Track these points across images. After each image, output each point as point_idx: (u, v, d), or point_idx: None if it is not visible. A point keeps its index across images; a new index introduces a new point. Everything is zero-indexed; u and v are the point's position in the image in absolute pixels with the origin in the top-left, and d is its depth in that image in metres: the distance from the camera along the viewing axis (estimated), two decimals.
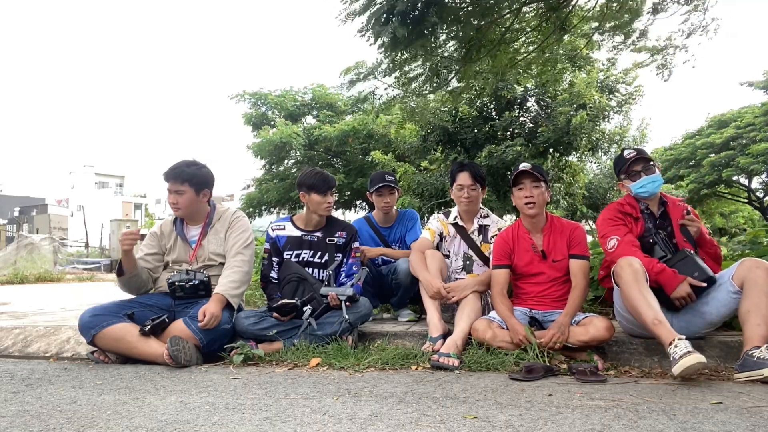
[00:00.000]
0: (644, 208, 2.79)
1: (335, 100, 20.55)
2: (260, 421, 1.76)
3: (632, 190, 2.78)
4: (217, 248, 3.06)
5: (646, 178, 2.73)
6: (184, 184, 3.00)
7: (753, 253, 3.26)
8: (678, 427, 1.63)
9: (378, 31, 4.11)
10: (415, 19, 3.99)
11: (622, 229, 2.72)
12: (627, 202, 2.82)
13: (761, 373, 2.11)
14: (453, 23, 4.45)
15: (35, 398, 2.14)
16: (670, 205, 2.79)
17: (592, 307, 3.44)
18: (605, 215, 2.83)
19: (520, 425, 1.67)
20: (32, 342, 3.27)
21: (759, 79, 18.62)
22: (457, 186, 3.20)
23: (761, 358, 2.13)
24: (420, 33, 4.12)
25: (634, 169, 2.76)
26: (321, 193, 3.09)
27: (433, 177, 13.48)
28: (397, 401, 1.97)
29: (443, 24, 4.39)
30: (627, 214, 2.77)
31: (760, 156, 17.22)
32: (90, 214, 29.49)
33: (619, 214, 2.77)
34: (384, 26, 4.01)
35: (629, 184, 2.79)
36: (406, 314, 3.56)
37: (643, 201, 2.79)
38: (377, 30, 4.11)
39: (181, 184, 3.00)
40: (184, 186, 3.00)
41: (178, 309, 2.97)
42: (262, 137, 18.42)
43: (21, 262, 12.32)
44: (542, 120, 13.12)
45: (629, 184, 2.79)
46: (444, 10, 4.18)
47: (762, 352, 2.15)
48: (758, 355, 2.15)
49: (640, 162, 2.75)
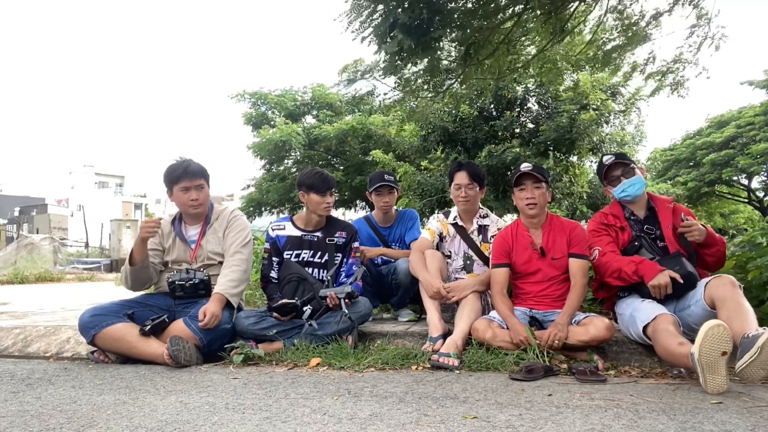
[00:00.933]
0: (629, 215, 2.78)
1: (335, 99, 20.56)
2: (260, 421, 1.76)
3: (615, 195, 2.81)
4: (215, 247, 3.06)
5: (626, 182, 2.73)
6: (201, 179, 3.05)
7: (753, 254, 3.25)
8: (678, 427, 1.63)
9: (380, 44, 4.12)
10: (419, 31, 3.99)
11: (604, 239, 2.74)
12: (611, 212, 2.82)
13: (758, 344, 1.99)
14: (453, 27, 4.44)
15: (35, 398, 2.14)
16: (659, 207, 2.77)
17: (592, 306, 3.44)
18: (589, 227, 2.87)
19: (520, 425, 1.67)
20: (32, 342, 3.27)
21: (759, 78, 18.61)
22: (455, 185, 3.20)
23: (754, 335, 2.04)
24: (426, 45, 4.11)
25: (614, 174, 2.78)
26: (320, 193, 3.09)
27: (433, 177, 13.47)
28: (397, 401, 1.97)
29: (446, 31, 4.38)
30: (610, 225, 2.77)
31: (759, 156, 17.21)
32: (90, 214, 29.48)
33: (602, 226, 2.79)
34: (386, 40, 4.02)
35: (612, 190, 2.81)
36: (406, 314, 3.55)
37: (628, 206, 2.80)
38: (380, 44, 4.12)
39: (200, 178, 3.04)
40: (203, 181, 3.05)
41: (178, 309, 2.97)
42: (261, 137, 18.42)
43: (21, 262, 12.33)
44: (543, 120, 13.12)
45: (612, 190, 2.81)
46: (446, 16, 4.18)
47: (753, 331, 2.07)
48: (751, 333, 2.06)
49: (619, 167, 2.77)
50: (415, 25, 3.91)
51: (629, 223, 2.77)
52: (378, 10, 4.06)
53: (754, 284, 2.93)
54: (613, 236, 2.76)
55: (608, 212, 2.84)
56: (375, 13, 4.07)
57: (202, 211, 3.09)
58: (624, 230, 2.75)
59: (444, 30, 4.20)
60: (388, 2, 3.92)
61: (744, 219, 26.11)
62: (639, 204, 2.79)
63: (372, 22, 4.14)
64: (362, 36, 4.21)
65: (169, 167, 3.05)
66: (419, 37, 4.03)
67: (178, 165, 3.05)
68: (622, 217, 2.78)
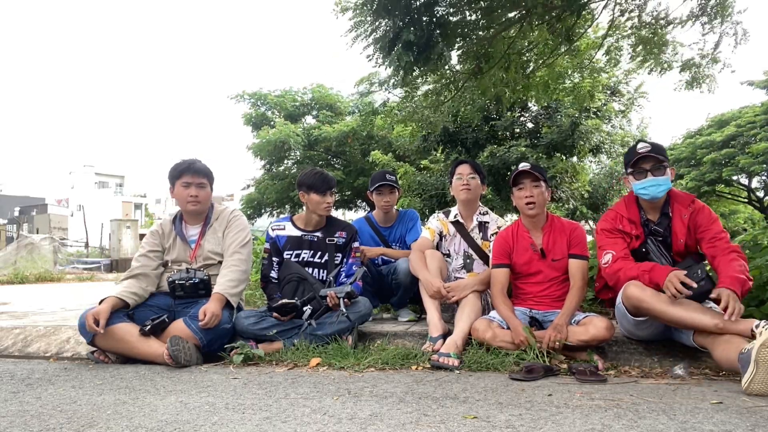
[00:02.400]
0: (644, 220, 2.59)
1: (335, 100, 20.55)
2: (260, 421, 1.76)
3: (633, 189, 2.58)
4: (215, 247, 3.06)
5: (652, 179, 2.49)
6: (205, 178, 3.06)
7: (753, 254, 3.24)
8: (678, 427, 1.63)
9: (383, 59, 4.14)
10: (422, 45, 4.01)
11: (619, 244, 2.55)
12: (627, 216, 2.60)
13: (752, 358, 1.96)
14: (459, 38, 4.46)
15: (35, 398, 2.14)
16: (675, 215, 2.54)
17: (592, 306, 3.44)
18: (603, 225, 2.67)
19: (520, 425, 1.67)
20: (32, 342, 3.27)
21: (760, 79, 18.60)
22: (457, 176, 3.22)
23: (749, 349, 2.01)
24: (427, 59, 4.14)
25: (642, 167, 2.51)
26: (320, 193, 3.09)
27: (434, 177, 13.47)
28: (397, 401, 1.97)
29: (450, 44, 4.41)
30: (625, 233, 2.58)
31: (759, 156, 17.19)
32: (90, 214, 29.46)
33: (617, 230, 2.60)
34: (389, 55, 4.04)
35: (632, 182, 2.57)
36: (406, 314, 3.55)
37: (643, 205, 2.61)
38: (383, 58, 4.14)
39: (204, 177, 3.05)
40: (206, 180, 3.06)
41: (178, 309, 2.97)
42: (261, 138, 18.42)
43: (21, 262, 12.33)
44: (543, 120, 13.11)
45: (632, 182, 2.57)
46: (449, 29, 4.20)
47: (748, 345, 2.03)
48: (747, 347, 2.03)
49: (651, 160, 2.49)
50: (417, 42, 3.94)
51: (644, 230, 2.58)
52: (381, 25, 4.10)
53: (754, 284, 2.93)
54: (628, 241, 2.57)
55: (624, 215, 2.60)
56: (378, 30, 4.11)
57: (201, 209, 3.09)
58: (638, 238, 2.57)
59: (446, 43, 4.22)
60: (392, 17, 3.94)
61: (744, 219, 26.09)
62: (656, 204, 2.58)
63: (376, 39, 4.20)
64: (367, 55, 4.26)
65: (175, 163, 3.09)
66: (420, 52, 4.05)
67: (183, 161, 3.08)
68: (638, 223, 2.58)
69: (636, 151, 2.54)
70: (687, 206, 2.56)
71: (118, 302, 2.80)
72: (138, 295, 2.91)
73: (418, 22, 3.93)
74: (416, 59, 4.05)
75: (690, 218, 2.53)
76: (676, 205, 2.58)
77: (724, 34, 4.78)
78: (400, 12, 3.88)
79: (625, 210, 2.63)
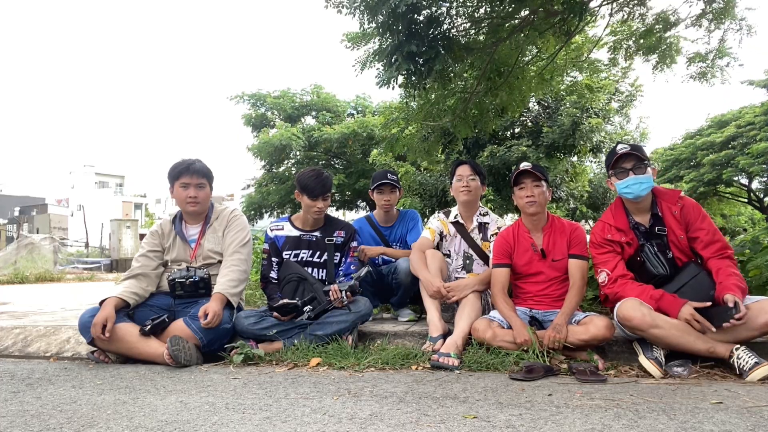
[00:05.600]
0: (633, 224, 2.59)
1: (334, 103, 20.56)
2: (260, 421, 1.76)
3: (617, 189, 2.60)
4: (215, 246, 3.06)
5: (633, 178, 2.52)
6: (204, 178, 3.05)
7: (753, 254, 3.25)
8: (678, 427, 1.63)
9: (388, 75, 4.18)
10: (425, 56, 4.04)
11: (611, 261, 2.57)
12: (614, 225, 2.60)
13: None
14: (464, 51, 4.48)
15: (35, 398, 2.14)
16: (665, 212, 2.56)
17: (592, 306, 3.44)
18: (594, 239, 2.68)
19: (520, 425, 1.67)
20: (32, 342, 3.27)
21: (760, 78, 18.60)
22: (457, 177, 3.22)
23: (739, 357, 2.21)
24: (430, 70, 4.16)
25: (623, 166, 2.55)
26: (312, 197, 3.09)
27: (434, 177, 13.48)
28: (397, 401, 1.97)
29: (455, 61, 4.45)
30: (614, 242, 2.58)
31: (759, 156, 17.19)
32: (90, 214, 29.50)
33: (606, 241, 2.60)
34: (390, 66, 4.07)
35: (615, 182, 2.59)
36: (406, 314, 3.55)
37: (629, 207, 2.62)
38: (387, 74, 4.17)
39: (203, 177, 3.05)
40: (205, 180, 3.06)
41: (178, 309, 2.97)
42: (261, 139, 18.43)
43: (21, 262, 12.32)
44: (543, 120, 13.12)
45: (615, 182, 2.59)
46: (452, 42, 4.23)
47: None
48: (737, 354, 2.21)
49: (631, 159, 2.53)
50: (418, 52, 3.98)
51: (635, 233, 2.57)
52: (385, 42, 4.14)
53: (755, 284, 2.93)
54: (619, 251, 2.58)
55: (611, 224, 2.62)
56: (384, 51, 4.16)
57: (200, 209, 3.09)
58: (630, 245, 2.57)
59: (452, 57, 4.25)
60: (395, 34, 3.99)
61: (746, 219, 26.10)
62: (642, 205, 2.59)
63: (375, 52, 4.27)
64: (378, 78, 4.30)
65: (174, 163, 3.08)
66: (424, 63, 4.09)
67: (182, 161, 3.08)
68: (627, 228, 2.57)
69: (616, 152, 2.59)
70: (675, 202, 2.58)
71: (119, 302, 2.80)
72: (138, 295, 2.91)
73: (422, 36, 3.98)
74: (418, 70, 4.08)
75: (680, 213, 2.55)
76: (663, 203, 2.60)
77: (728, 30, 4.81)
78: (404, 27, 3.93)
79: (612, 218, 2.65)
